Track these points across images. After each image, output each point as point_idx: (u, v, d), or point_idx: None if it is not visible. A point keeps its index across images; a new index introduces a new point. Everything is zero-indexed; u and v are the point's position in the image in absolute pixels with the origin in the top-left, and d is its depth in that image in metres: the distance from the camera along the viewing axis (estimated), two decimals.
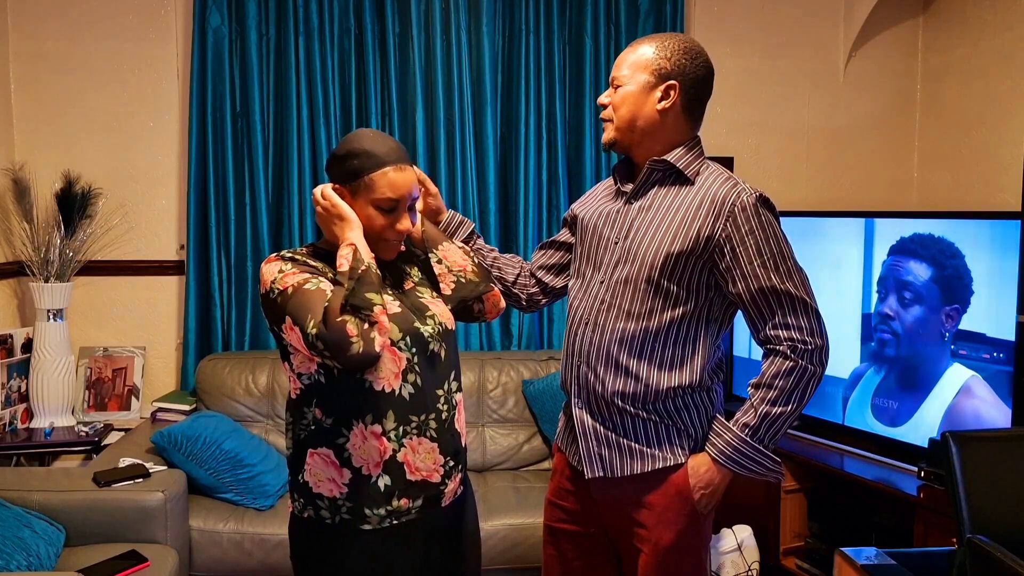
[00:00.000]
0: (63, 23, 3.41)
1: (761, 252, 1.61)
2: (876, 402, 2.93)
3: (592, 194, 1.91)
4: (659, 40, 1.70)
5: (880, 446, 2.89)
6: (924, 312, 2.80)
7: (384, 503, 1.53)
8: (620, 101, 1.70)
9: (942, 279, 2.75)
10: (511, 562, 2.79)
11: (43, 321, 3.24)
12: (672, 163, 1.69)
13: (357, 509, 1.53)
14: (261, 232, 3.45)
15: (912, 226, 2.86)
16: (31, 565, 2.24)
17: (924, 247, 2.80)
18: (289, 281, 1.47)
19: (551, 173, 3.58)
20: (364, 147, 1.54)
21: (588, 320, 1.73)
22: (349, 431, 1.52)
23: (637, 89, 1.68)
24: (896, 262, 2.90)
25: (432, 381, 1.58)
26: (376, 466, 1.52)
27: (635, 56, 1.70)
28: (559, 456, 1.89)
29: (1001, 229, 2.60)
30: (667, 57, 1.67)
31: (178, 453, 2.82)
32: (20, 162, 3.33)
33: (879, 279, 2.93)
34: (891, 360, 2.88)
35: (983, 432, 2.30)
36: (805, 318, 1.62)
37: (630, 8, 3.58)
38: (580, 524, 1.83)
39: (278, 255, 1.55)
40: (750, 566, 3.04)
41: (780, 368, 1.61)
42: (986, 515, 1.75)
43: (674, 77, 1.67)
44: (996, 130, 3.34)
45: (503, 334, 3.66)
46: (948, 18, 3.64)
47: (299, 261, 1.53)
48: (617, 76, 1.71)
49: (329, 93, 3.44)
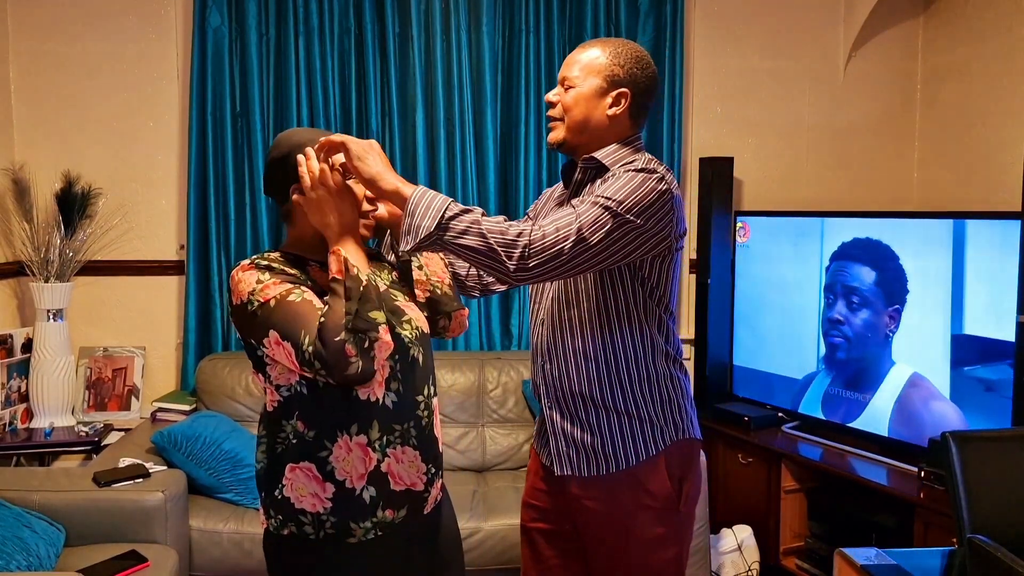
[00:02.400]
0: (63, 23, 3.41)
1: (616, 182, 1.57)
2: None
3: (547, 195, 1.95)
4: (611, 46, 1.71)
5: (880, 446, 2.89)
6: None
7: (369, 515, 1.49)
8: (572, 103, 1.71)
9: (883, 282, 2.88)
10: (511, 562, 2.79)
11: (43, 321, 3.24)
12: (599, 160, 1.71)
13: (342, 523, 1.48)
14: (261, 232, 3.45)
15: (911, 226, 2.86)
16: (31, 565, 2.24)
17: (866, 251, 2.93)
18: (271, 293, 1.41)
19: (551, 173, 3.58)
20: (303, 137, 1.51)
21: (544, 319, 1.77)
22: (332, 443, 1.48)
23: (589, 92, 1.70)
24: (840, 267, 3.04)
25: (412, 387, 1.55)
26: (360, 478, 1.49)
27: (588, 59, 1.71)
28: (533, 456, 1.91)
29: (1001, 229, 2.60)
30: (620, 64, 1.69)
31: (178, 453, 2.82)
32: (20, 162, 3.33)
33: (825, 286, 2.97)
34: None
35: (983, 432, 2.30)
36: (556, 229, 1.50)
37: (630, 8, 3.58)
38: (553, 522, 1.84)
39: (251, 263, 1.47)
40: (750, 566, 3.04)
41: (512, 223, 1.53)
42: (986, 515, 1.75)
43: (625, 85, 1.70)
44: (996, 130, 3.34)
45: (503, 334, 3.66)
46: (948, 18, 3.64)
47: (276, 270, 1.46)
48: (568, 76, 1.71)
49: (329, 93, 3.45)
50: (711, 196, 3.48)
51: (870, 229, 2.99)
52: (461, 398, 3.33)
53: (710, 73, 3.73)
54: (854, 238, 3.04)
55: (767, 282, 3.37)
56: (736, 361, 3.50)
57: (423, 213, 1.46)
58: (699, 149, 3.71)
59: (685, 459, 1.73)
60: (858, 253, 3.02)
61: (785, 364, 3.28)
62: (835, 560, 2.02)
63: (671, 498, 1.70)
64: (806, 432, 3.13)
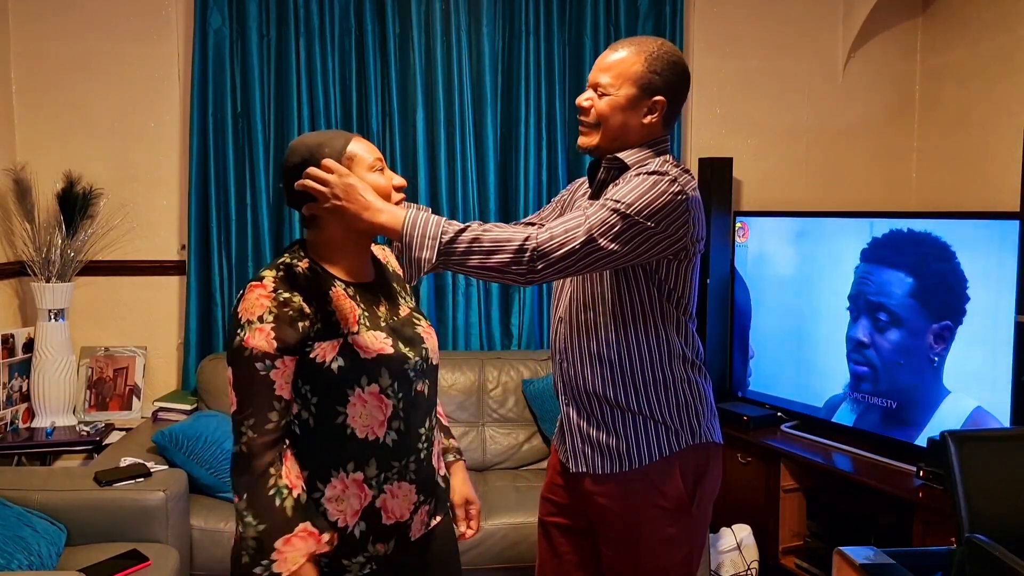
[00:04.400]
0: (64, 23, 3.41)
1: (626, 186, 1.56)
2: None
3: (575, 187, 1.92)
4: (646, 49, 1.67)
5: (880, 446, 2.90)
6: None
7: (360, 551, 1.47)
8: (608, 111, 1.67)
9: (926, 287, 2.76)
10: (510, 561, 2.79)
11: (44, 321, 3.25)
12: (623, 160, 1.69)
13: (335, 563, 1.46)
14: (262, 232, 3.45)
15: (911, 226, 2.86)
16: (32, 564, 2.25)
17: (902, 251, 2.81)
18: (253, 341, 1.38)
19: (551, 173, 3.58)
20: (319, 139, 1.49)
21: (563, 318, 1.76)
22: (325, 484, 1.45)
23: (625, 102, 1.66)
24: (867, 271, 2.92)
25: (414, 424, 1.52)
26: (354, 515, 1.46)
27: (621, 64, 1.66)
28: (553, 451, 1.92)
29: (1000, 229, 2.61)
30: (656, 71, 1.65)
31: (179, 452, 2.83)
32: (21, 162, 3.33)
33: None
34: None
35: (983, 432, 2.31)
36: (557, 226, 1.51)
37: (630, 8, 3.58)
38: (569, 518, 1.85)
39: (274, 289, 1.42)
40: (749, 565, 3.04)
41: (516, 227, 1.55)
42: (985, 515, 1.76)
43: (661, 92, 1.66)
44: (995, 130, 3.35)
45: (503, 334, 3.66)
46: (947, 19, 3.65)
47: (292, 312, 1.40)
48: (602, 84, 1.67)
49: (329, 94, 3.45)
50: (710, 196, 3.49)
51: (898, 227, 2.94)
52: (461, 398, 3.34)
53: (710, 73, 3.74)
54: (890, 231, 2.84)
55: (768, 280, 3.38)
56: (736, 365, 3.50)
57: (419, 244, 1.45)
58: (698, 149, 3.72)
59: (700, 463, 1.72)
60: (891, 256, 2.84)
61: (797, 386, 3.28)
62: (834, 559, 2.03)
63: (684, 500, 1.70)
64: (805, 431, 3.13)
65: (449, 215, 3.54)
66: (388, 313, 1.55)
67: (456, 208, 3.53)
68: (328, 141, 1.49)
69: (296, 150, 1.49)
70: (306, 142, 1.50)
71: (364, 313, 1.50)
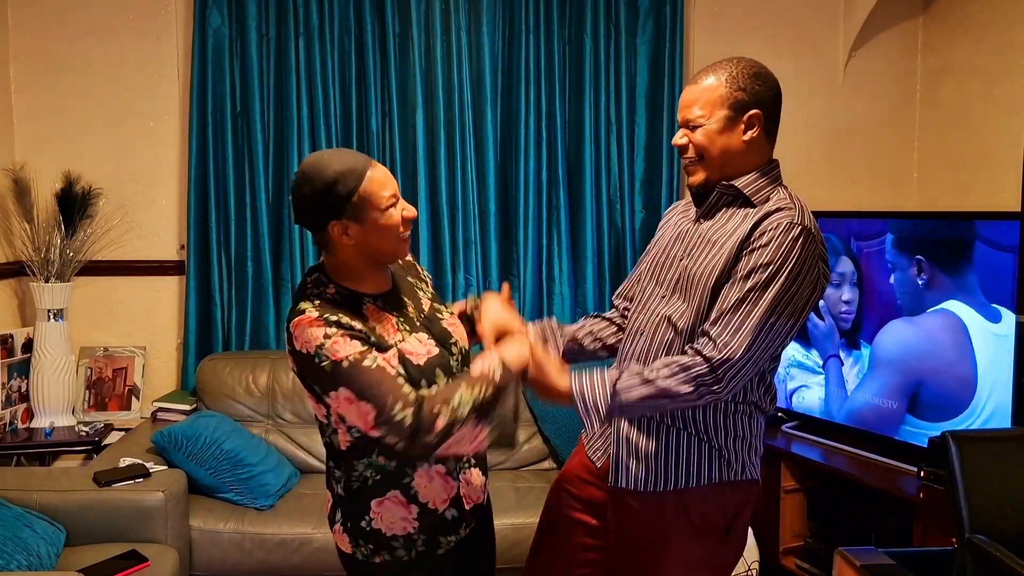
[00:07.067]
0: (63, 23, 3.41)
1: (754, 267, 1.56)
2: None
3: (671, 215, 1.89)
4: (724, 70, 1.65)
5: (880, 446, 2.89)
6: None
7: (453, 532, 1.62)
8: (707, 142, 1.64)
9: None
10: (511, 562, 2.78)
11: (43, 321, 3.25)
12: (740, 189, 1.66)
13: (431, 539, 1.59)
14: (261, 232, 3.45)
15: (911, 226, 2.86)
16: (31, 565, 2.24)
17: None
18: (342, 352, 1.43)
19: (551, 173, 3.57)
20: (335, 169, 1.48)
21: (643, 331, 1.73)
22: (414, 470, 1.57)
23: (720, 127, 1.64)
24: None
25: None
26: (443, 502, 1.60)
27: (705, 93, 1.64)
28: (582, 451, 1.88)
29: (1000, 229, 2.60)
30: (741, 88, 1.63)
31: (178, 453, 2.83)
32: (21, 162, 3.33)
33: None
34: None
35: (983, 432, 2.31)
36: (732, 335, 1.54)
37: (630, 8, 3.58)
38: (584, 512, 1.83)
39: (319, 316, 1.46)
40: (750, 566, 3.04)
41: (672, 360, 1.58)
42: (986, 515, 1.75)
43: (753, 106, 1.64)
44: (996, 130, 3.34)
45: None
46: (948, 18, 3.64)
47: (344, 325, 1.46)
48: (692, 118, 1.65)
49: (329, 93, 3.45)
50: None
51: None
52: None
53: None
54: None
55: None
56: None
57: (588, 398, 1.58)
58: None
59: (743, 497, 1.71)
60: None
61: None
62: (835, 560, 2.03)
63: (721, 529, 1.69)
64: (806, 432, 3.13)
65: (449, 215, 3.53)
66: (416, 312, 1.63)
67: (456, 208, 3.53)
68: (342, 177, 1.48)
69: (310, 180, 1.49)
70: (322, 176, 1.48)
71: (400, 320, 1.58)
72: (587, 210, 3.60)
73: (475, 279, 3.57)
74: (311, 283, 1.55)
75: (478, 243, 3.56)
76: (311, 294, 1.52)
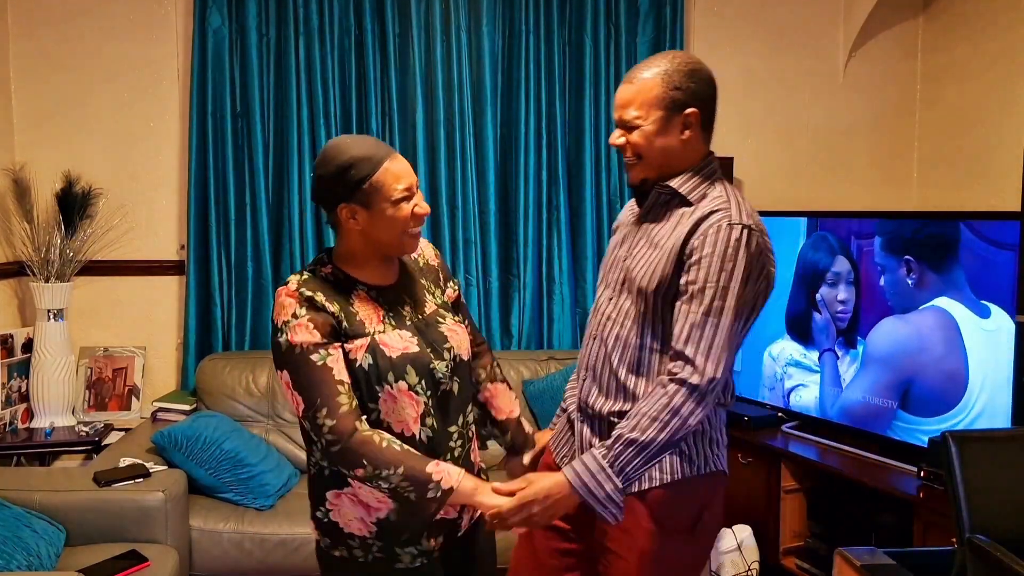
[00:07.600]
0: (63, 23, 3.41)
1: (708, 278, 1.55)
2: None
3: (626, 213, 1.88)
4: (659, 67, 1.63)
5: (880, 446, 2.89)
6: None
7: (413, 543, 1.55)
8: (645, 143, 1.64)
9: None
10: (509, 562, 2.78)
11: (43, 321, 3.25)
12: (675, 189, 1.66)
13: (387, 548, 1.54)
14: (261, 232, 3.45)
15: (912, 226, 2.86)
16: (31, 565, 2.24)
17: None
18: (298, 338, 1.44)
19: (551, 173, 3.58)
20: (352, 154, 1.50)
21: (596, 335, 1.73)
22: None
23: (657, 127, 1.62)
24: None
25: (446, 421, 1.57)
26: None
27: (640, 93, 1.62)
28: (549, 454, 1.87)
29: (1000, 229, 2.60)
30: (676, 86, 1.61)
31: (178, 453, 2.83)
32: (21, 162, 3.33)
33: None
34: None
35: (983, 432, 2.30)
36: (706, 356, 1.55)
37: (630, 8, 3.58)
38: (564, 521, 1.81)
39: (297, 288, 1.48)
40: (750, 566, 3.04)
41: (653, 395, 1.58)
42: (986, 515, 1.75)
43: (690, 104, 1.62)
44: (996, 130, 3.34)
45: (503, 334, 3.66)
46: (948, 18, 3.64)
47: (317, 305, 1.47)
48: (628, 119, 1.63)
49: (329, 93, 3.45)
50: None
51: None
52: None
53: None
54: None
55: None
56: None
57: (598, 492, 1.56)
58: None
59: (708, 491, 1.70)
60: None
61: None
62: (835, 560, 2.02)
63: (687, 526, 1.68)
64: (806, 432, 3.13)
65: (449, 215, 3.53)
66: (413, 312, 1.60)
67: (456, 208, 3.53)
68: (357, 163, 1.50)
69: (328, 161, 1.52)
70: (339, 159, 1.51)
71: (389, 314, 1.55)
72: (587, 210, 3.60)
73: (475, 278, 3.57)
74: (314, 260, 1.59)
75: (478, 243, 3.56)
76: (305, 268, 1.56)
